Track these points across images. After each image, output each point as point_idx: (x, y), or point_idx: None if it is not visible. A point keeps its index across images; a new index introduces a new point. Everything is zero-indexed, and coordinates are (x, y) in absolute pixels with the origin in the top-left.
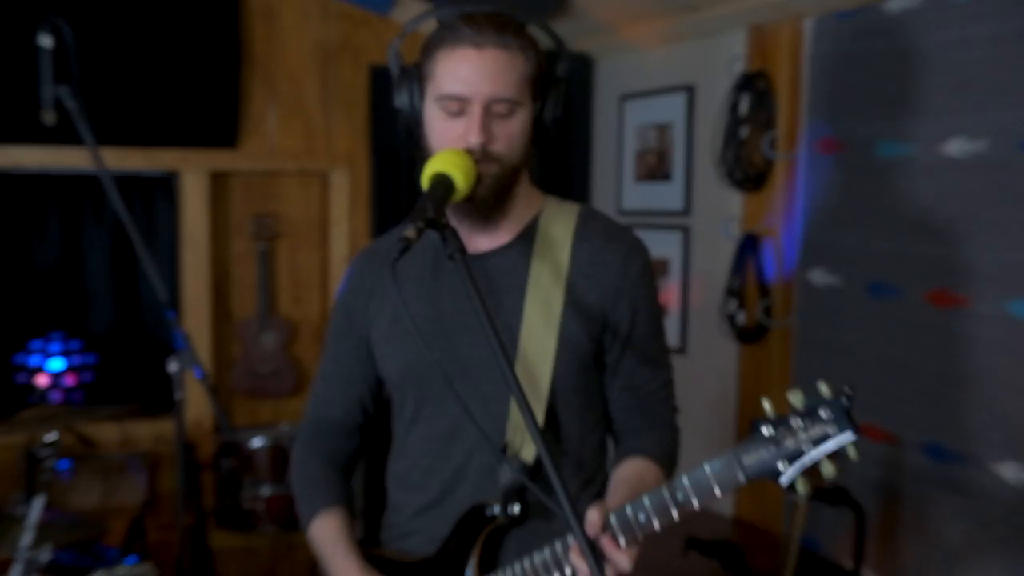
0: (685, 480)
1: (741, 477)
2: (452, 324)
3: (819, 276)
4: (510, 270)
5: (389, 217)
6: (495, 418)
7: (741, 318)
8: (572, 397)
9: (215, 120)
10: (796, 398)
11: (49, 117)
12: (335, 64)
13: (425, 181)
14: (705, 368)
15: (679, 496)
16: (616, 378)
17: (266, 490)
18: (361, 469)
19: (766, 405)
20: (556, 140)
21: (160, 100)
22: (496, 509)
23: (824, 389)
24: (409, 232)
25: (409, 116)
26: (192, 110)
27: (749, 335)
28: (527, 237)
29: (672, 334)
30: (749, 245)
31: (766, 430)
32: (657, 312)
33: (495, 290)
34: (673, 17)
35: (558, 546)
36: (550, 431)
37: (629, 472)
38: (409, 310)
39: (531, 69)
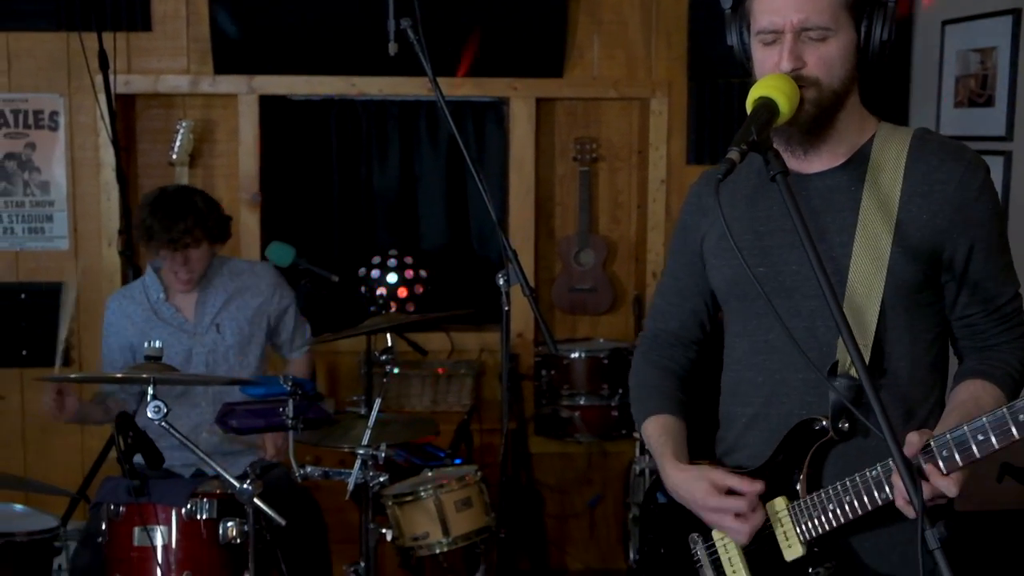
0: None
1: None
2: (775, 243)
3: None
4: (838, 192)
5: (706, 143)
6: (818, 335)
7: None
8: (900, 322)
9: (542, 50)
10: None
11: (392, 49)
12: None
13: (749, 105)
14: None
15: (1021, 418)
16: (955, 300)
17: (582, 400)
18: None
19: None
20: (884, 63)
21: (492, 33)
22: (824, 424)
23: None
24: (732, 154)
25: (740, 52)
26: (521, 41)
27: None
28: (858, 161)
29: None
30: None
31: None
32: (999, 228)
33: (824, 211)
34: None
35: (879, 468)
36: (876, 352)
37: (965, 395)
38: (732, 227)
39: None
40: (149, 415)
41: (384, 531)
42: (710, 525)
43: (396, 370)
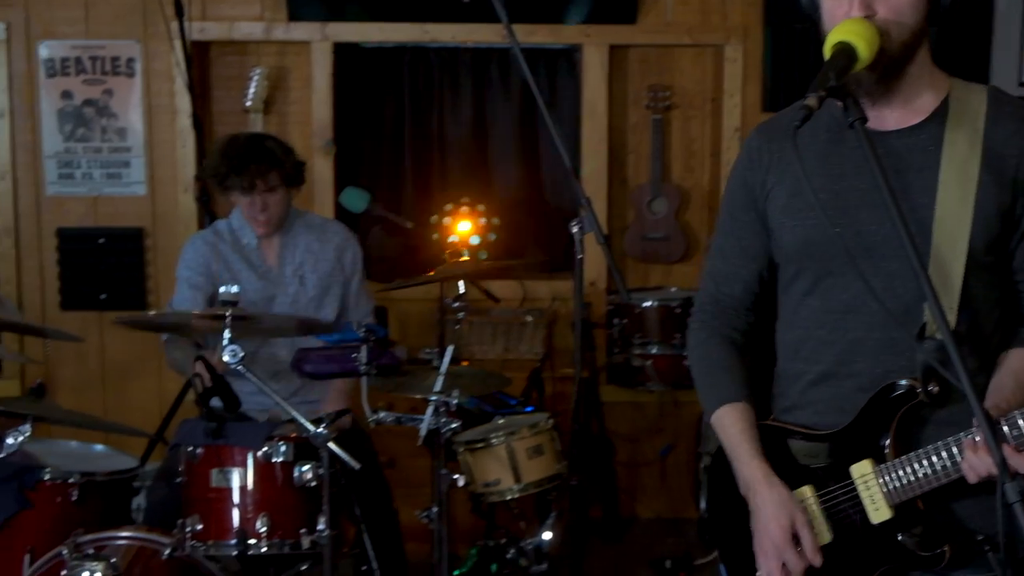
0: None
1: None
2: (854, 199)
3: None
4: (920, 150)
5: (781, 90)
6: (899, 296)
7: None
8: (980, 284)
9: None
10: None
11: None
12: None
13: (827, 50)
14: None
15: None
16: (1018, 260)
17: (654, 349)
18: None
19: None
20: (958, 14)
21: None
22: (914, 387)
23: None
24: (810, 100)
25: (808, 4)
26: None
27: None
28: (937, 118)
29: None
30: None
31: None
32: None
33: (903, 170)
34: None
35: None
36: (960, 315)
37: (1017, 364)
38: (810, 183)
39: None
40: (226, 359)
41: (456, 477)
42: (756, 548)
43: (468, 317)
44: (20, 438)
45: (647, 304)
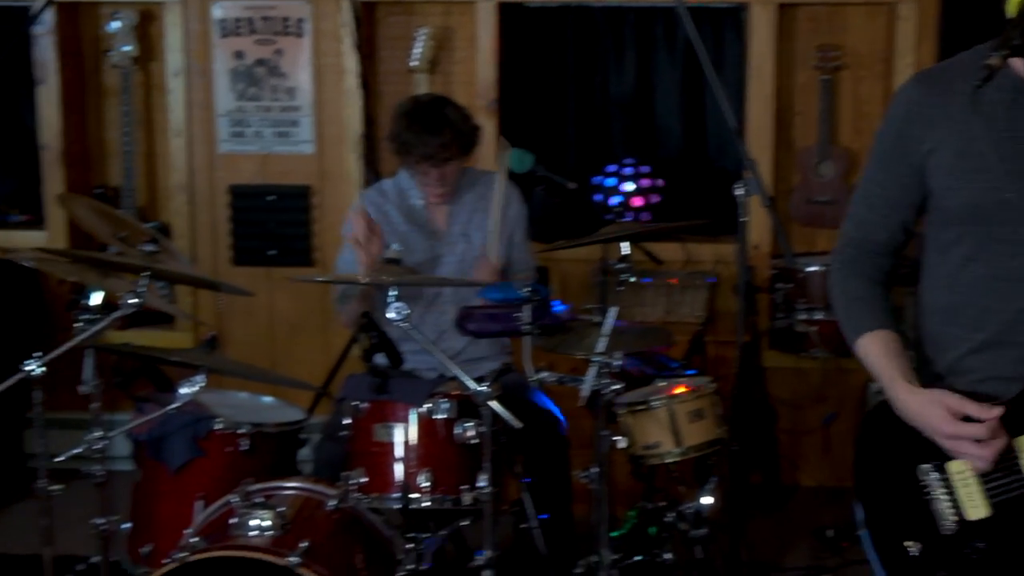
0: None
1: None
2: None
3: None
4: None
5: (956, 51)
6: None
7: None
8: None
9: None
10: None
11: None
12: None
13: (1012, 7)
14: None
15: None
16: None
17: (819, 315)
18: None
19: None
20: None
21: None
22: None
23: None
24: (993, 60)
25: None
26: None
27: None
28: None
29: None
30: None
31: None
32: None
33: None
34: None
35: None
36: None
37: None
38: (973, 145)
39: None
40: (390, 316)
41: (616, 439)
42: (947, 451)
43: (631, 279)
44: (194, 388)
45: (812, 269)
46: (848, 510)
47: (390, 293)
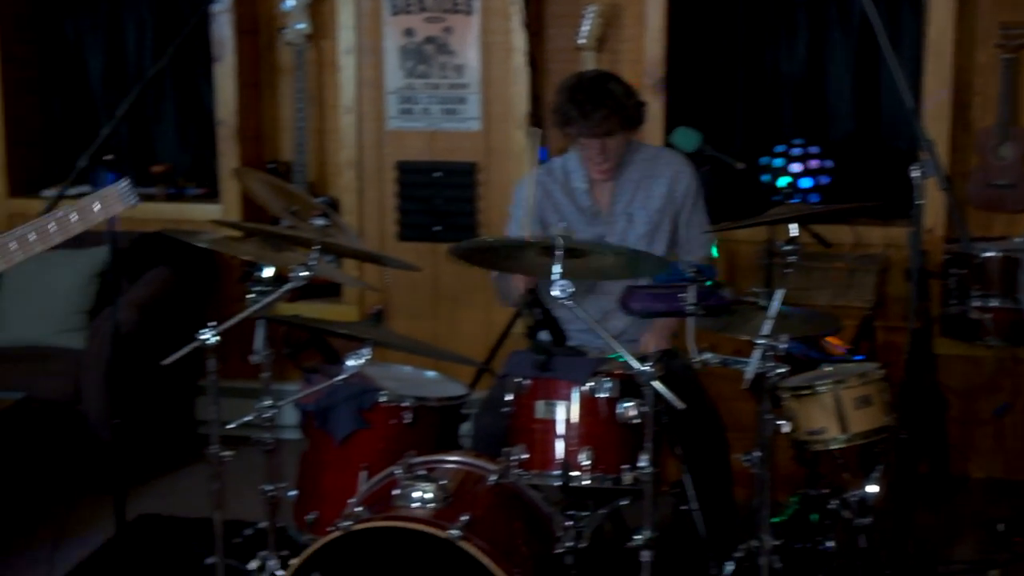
0: None
1: None
2: None
3: None
4: None
5: None
6: None
7: None
8: None
9: None
10: None
11: None
12: None
13: None
14: None
15: None
16: None
17: (994, 302)
18: None
19: None
20: None
21: None
22: None
23: None
24: None
25: None
26: None
27: None
28: None
29: None
30: None
31: None
32: None
33: None
34: None
35: None
36: None
37: None
38: None
39: None
40: (555, 293)
41: (780, 423)
42: None
43: (798, 261)
44: (361, 361)
45: (989, 254)
46: (1020, 503)
47: (555, 269)
